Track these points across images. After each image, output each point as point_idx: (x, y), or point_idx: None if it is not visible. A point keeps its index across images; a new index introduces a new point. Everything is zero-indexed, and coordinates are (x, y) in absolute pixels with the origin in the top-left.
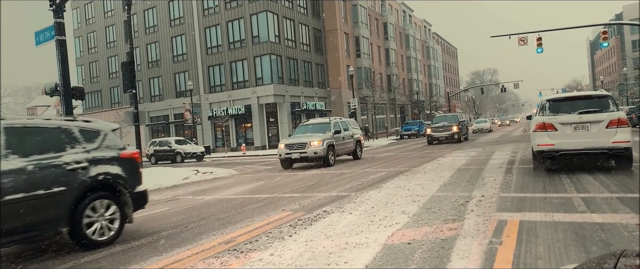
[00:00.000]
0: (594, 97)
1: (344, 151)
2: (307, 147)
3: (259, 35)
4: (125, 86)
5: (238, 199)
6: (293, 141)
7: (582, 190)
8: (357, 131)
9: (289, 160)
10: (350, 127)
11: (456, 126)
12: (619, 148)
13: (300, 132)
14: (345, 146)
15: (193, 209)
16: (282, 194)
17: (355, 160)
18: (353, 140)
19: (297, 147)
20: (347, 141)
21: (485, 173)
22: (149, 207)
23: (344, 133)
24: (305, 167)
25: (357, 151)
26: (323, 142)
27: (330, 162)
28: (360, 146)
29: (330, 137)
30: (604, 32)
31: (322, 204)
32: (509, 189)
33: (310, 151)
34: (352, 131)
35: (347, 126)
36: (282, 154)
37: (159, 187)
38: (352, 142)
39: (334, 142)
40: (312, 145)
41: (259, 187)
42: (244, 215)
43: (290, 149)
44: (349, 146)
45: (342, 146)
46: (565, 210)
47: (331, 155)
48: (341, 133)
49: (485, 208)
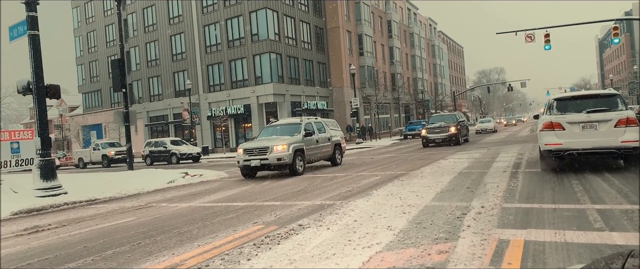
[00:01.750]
0: (602, 96)
1: (319, 156)
2: (269, 153)
3: (259, 33)
4: (115, 85)
5: (214, 208)
6: (253, 145)
7: (597, 200)
8: (336, 132)
9: (248, 167)
10: (328, 129)
11: (454, 126)
12: (627, 148)
13: (265, 135)
14: (320, 151)
15: (159, 220)
16: (262, 201)
17: (334, 166)
18: (330, 144)
19: (258, 152)
20: (323, 144)
21: (488, 178)
22: (117, 216)
23: (319, 135)
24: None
25: (335, 156)
26: (289, 146)
27: (298, 171)
28: (340, 150)
29: (300, 140)
30: (615, 27)
31: (301, 216)
32: (513, 198)
33: (272, 157)
34: (330, 133)
35: (323, 126)
36: (240, 160)
37: (139, 192)
38: (329, 146)
39: (304, 146)
40: (275, 150)
41: (242, 193)
42: (210, 229)
43: (250, 155)
44: (325, 150)
45: (316, 150)
46: (579, 227)
47: (299, 162)
48: (314, 135)
49: (484, 223)
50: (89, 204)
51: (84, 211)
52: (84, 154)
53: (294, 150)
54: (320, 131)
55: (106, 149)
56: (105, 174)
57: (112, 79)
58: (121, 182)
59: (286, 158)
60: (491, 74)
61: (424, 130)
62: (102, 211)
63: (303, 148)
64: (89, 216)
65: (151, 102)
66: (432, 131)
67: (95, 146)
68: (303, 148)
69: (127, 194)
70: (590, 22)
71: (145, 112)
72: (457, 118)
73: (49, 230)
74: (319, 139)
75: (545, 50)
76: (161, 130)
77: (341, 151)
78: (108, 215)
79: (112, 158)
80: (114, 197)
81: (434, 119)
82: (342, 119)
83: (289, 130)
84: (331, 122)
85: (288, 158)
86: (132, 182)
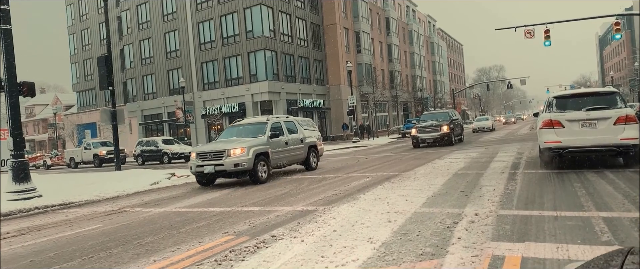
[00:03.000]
0: (601, 94)
1: (289, 160)
2: (225, 157)
3: (253, 30)
4: (102, 83)
5: (187, 214)
6: (207, 149)
7: (602, 206)
8: (311, 133)
9: (202, 174)
10: (300, 129)
11: (447, 125)
12: (627, 145)
13: (226, 136)
14: (291, 154)
15: (125, 228)
16: (240, 207)
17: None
18: (303, 146)
19: (212, 156)
20: (294, 147)
21: (484, 180)
22: (84, 223)
23: (289, 137)
24: (292, 170)
25: (310, 159)
26: (248, 149)
27: (260, 178)
28: (315, 152)
29: (264, 142)
30: (617, 23)
31: (277, 224)
32: (511, 203)
33: (229, 162)
34: (303, 134)
35: (295, 127)
36: (193, 166)
37: (119, 194)
38: (302, 148)
39: (269, 149)
40: (232, 154)
41: (223, 196)
42: (174, 240)
43: (203, 160)
44: (297, 154)
45: (285, 154)
46: (584, 240)
47: (263, 167)
48: (283, 137)
49: (477, 234)
50: (62, 208)
51: (52, 217)
52: (75, 153)
53: (256, 154)
54: (291, 131)
55: (98, 148)
56: (92, 174)
57: (98, 77)
58: (104, 184)
59: (245, 163)
60: (491, 72)
61: (414, 129)
62: (71, 217)
63: (267, 151)
64: (54, 223)
65: (145, 100)
66: (423, 130)
67: (86, 145)
68: (267, 151)
69: (106, 197)
70: (591, 17)
71: (140, 110)
72: (450, 116)
73: (5, 240)
74: (289, 140)
75: (545, 46)
76: (155, 129)
77: (317, 153)
78: (75, 222)
79: (103, 158)
80: (90, 200)
81: (425, 118)
82: (339, 118)
83: (252, 130)
84: (306, 121)
85: (247, 163)
86: (115, 184)
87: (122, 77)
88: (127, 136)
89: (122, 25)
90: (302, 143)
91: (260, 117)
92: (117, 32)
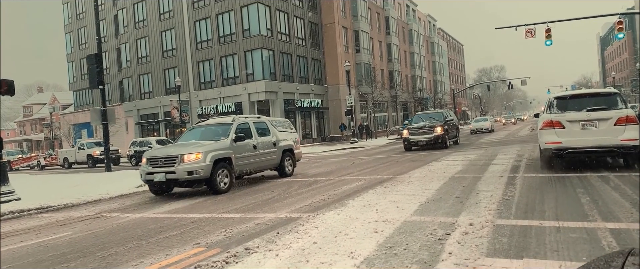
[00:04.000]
0: (602, 95)
1: (258, 165)
2: (178, 163)
3: (250, 28)
4: (92, 82)
5: (164, 221)
6: (158, 153)
7: (608, 215)
8: (287, 135)
9: (152, 183)
10: (273, 131)
11: (441, 126)
12: (627, 146)
13: (186, 139)
14: (261, 159)
15: (94, 237)
16: (221, 213)
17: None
18: (276, 149)
19: (164, 162)
20: (264, 151)
21: (482, 184)
22: (54, 230)
23: (258, 139)
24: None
25: (284, 164)
26: (206, 154)
27: (220, 188)
28: (291, 157)
29: (226, 146)
30: (620, 22)
31: (255, 234)
32: (509, 211)
33: (182, 169)
34: (276, 136)
35: (266, 128)
36: (142, 173)
37: (102, 197)
38: (275, 152)
39: (233, 153)
40: (185, 159)
41: (206, 201)
42: (140, 252)
43: (154, 166)
44: (268, 159)
45: (253, 159)
46: (590, 256)
47: (223, 176)
48: (251, 139)
49: (470, 249)
50: (38, 212)
51: (24, 222)
52: (69, 153)
53: (215, 160)
54: (262, 133)
55: (91, 148)
56: (81, 175)
57: (88, 76)
58: (89, 186)
59: (201, 171)
60: (492, 72)
61: (405, 131)
62: (43, 223)
63: (230, 157)
64: (23, 230)
65: (142, 100)
66: (415, 132)
67: (80, 145)
68: (230, 157)
69: (87, 200)
70: (593, 16)
71: (136, 110)
72: (444, 116)
73: None
74: (259, 143)
75: (546, 46)
76: (152, 129)
77: (293, 158)
78: (45, 229)
79: (97, 158)
80: (70, 204)
81: (417, 118)
82: (337, 118)
83: (215, 132)
84: (282, 122)
85: (204, 171)
86: (101, 186)
87: (119, 76)
88: (123, 136)
89: (119, 23)
90: (275, 147)
91: (226, 117)
92: (114, 30)
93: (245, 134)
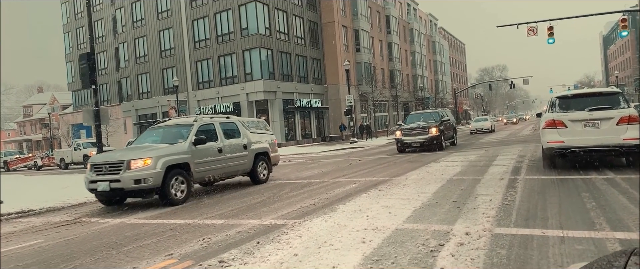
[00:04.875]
0: (604, 94)
1: (225, 172)
2: (124, 171)
3: (248, 27)
4: (84, 81)
5: (143, 227)
6: (103, 159)
7: (617, 224)
8: (263, 137)
9: (96, 193)
10: (245, 133)
11: (436, 127)
12: (629, 145)
13: (141, 142)
14: (228, 164)
15: (65, 245)
16: (204, 219)
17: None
18: (247, 153)
19: (108, 169)
20: (232, 155)
21: (481, 188)
22: (27, 237)
23: (225, 142)
24: (277, 171)
25: (258, 170)
26: (156, 160)
27: (174, 199)
28: (266, 162)
29: (183, 151)
30: (624, 19)
31: (234, 244)
32: (509, 217)
33: (127, 177)
34: (247, 139)
35: (236, 129)
36: (86, 181)
37: (87, 200)
38: (246, 156)
39: (191, 159)
40: (132, 166)
41: (190, 205)
42: (106, 264)
43: (98, 174)
44: (237, 164)
45: (218, 164)
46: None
47: (178, 184)
48: (216, 143)
49: (465, 262)
50: (18, 217)
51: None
52: (65, 154)
53: (168, 166)
54: (230, 135)
55: (88, 149)
56: (74, 176)
57: (80, 75)
58: (77, 188)
59: (151, 179)
60: (493, 72)
61: (398, 132)
62: (18, 229)
63: (188, 163)
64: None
65: (140, 99)
66: (408, 133)
67: (76, 145)
68: (188, 163)
69: (72, 203)
70: (596, 13)
71: (134, 110)
72: (440, 116)
73: None
74: (226, 147)
75: (549, 44)
76: None
77: (269, 163)
78: (17, 236)
79: None
80: (53, 207)
81: (411, 118)
82: (337, 117)
83: (174, 134)
84: (256, 123)
85: (154, 179)
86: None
87: (117, 76)
88: (121, 136)
89: (117, 23)
90: (246, 150)
91: (187, 118)
92: (112, 30)
93: (209, 136)
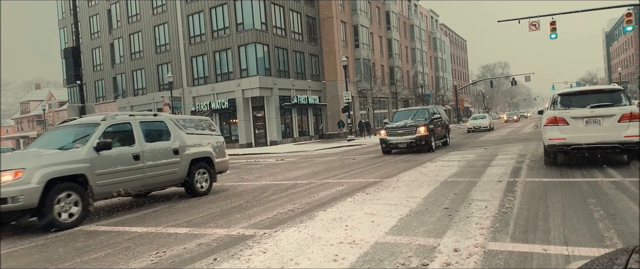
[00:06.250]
0: (606, 91)
1: (145, 183)
2: None
3: (244, 22)
4: (68, 76)
5: (99, 236)
6: None
7: (629, 238)
8: (204, 139)
9: None
10: (177, 134)
11: (424, 126)
12: (631, 143)
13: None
14: (148, 174)
15: (5, 257)
16: (166, 227)
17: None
18: (179, 160)
19: None
20: (156, 162)
21: (476, 192)
22: None
23: (145, 147)
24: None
25: (195, 180)
26: (31, 173)
27: (60, 222)
28: (207, 169)
29: (78, 158)
30: (629, 14)
31: (187, 261)
32: (506, 229)
33: None
34: (180, 142)
35: (165, 130)
36: None
37: None
38: (176, 164)
39: (88, 169)
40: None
41: (160, 210)
42: None
43: None
44: (165, 172)
45: (133, 174)
46: None
47: (68, 203)
48: (131, 147)
49: None
50: None
51: None
52: None
53: (50, 180)
54: (155, 137)
55: None
56: None
57: (65, 70)
58: None
59: (22, 198)
60: (495, 69)
61: (383, 131)
62: None
63: (84, 174)
64: None
65: (135, 96)
66: (394, 132)
67: None
68: (84, 174)
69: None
70: (599, 8)
71: (129, 106)
72: (430, 113)
73: None
74: (146, 152)
75: (551, 39)
76: None
77: (212, 170)
78: None
79: None
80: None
81: (398, 116)
82: (336, 114)
83: (75, 135)
84: (197, 121)
85: (26, 197)
86: None
87: (112, 72)
88: None
89: (112, 18)
90: (177, 156)
91: (94, 116)
92: (107, 25)
93: (122, 139)
